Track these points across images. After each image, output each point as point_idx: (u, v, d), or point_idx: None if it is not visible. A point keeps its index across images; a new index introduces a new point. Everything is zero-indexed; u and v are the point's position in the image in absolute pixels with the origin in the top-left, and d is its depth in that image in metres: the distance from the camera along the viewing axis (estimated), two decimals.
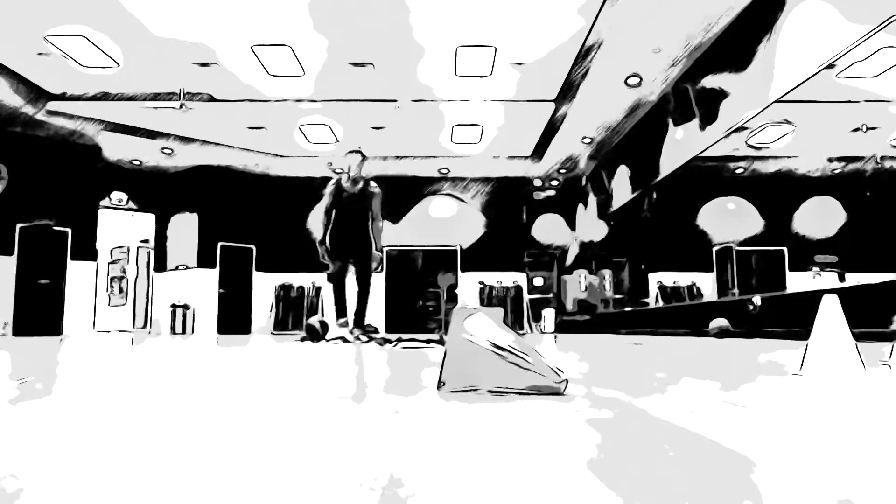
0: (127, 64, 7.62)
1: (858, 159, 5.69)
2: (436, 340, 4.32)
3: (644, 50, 7.07)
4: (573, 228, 12.98)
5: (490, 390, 1.34)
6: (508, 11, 6.46)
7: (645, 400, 1.26)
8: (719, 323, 6.21)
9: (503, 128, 9.86)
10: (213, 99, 8.66)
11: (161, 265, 12.10)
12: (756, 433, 0.90)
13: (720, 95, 6.67)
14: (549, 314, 12.09)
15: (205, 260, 11.52)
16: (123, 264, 12.26)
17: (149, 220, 12.17)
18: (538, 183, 12.66)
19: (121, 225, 11.90)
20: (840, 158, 6.03)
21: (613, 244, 11.02)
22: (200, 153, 10.81)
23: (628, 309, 10.13)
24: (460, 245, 12.57)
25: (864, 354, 1.78)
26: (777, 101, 5.64)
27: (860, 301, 4.36)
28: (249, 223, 11.98)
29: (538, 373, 1.32)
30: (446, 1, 6.28)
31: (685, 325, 7.35)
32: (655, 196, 8.91)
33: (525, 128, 9.86)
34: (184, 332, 11.31)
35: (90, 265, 10.44)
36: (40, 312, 9.57)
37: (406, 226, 12.55)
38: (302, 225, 12.14)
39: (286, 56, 7.42)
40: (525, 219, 12.92)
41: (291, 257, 12.05)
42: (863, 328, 2.80)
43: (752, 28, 5.97)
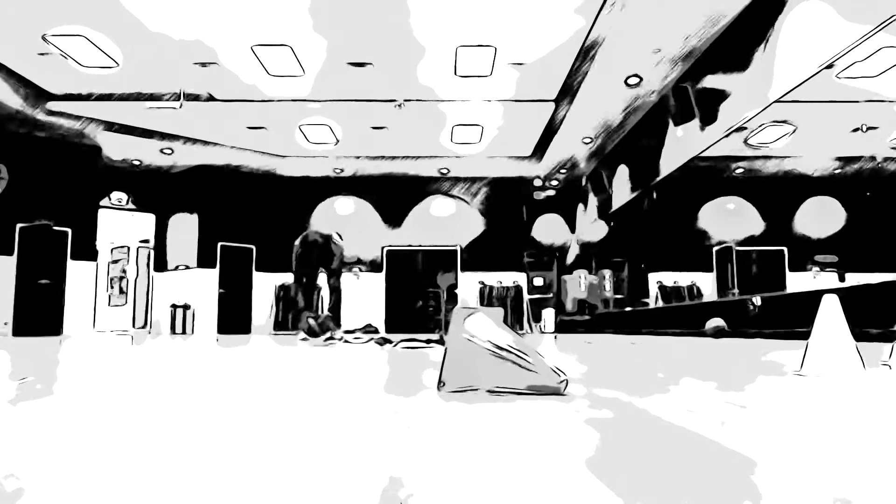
0: (127, 64, 7.62)
1: (858, 159, 5.69)
2: (436, 340, 4.32)
3: (644, 50, 7.07)
4: (573, 228, 12.98)
5: (490, 390, 1.34)
6: (508, 11, 6.46)
7: (645, 400, 1.26)
8: (715, 323, 6.20)
9: (503, 128, 9.86)
10: (213, 99, 8.66)
11: (161, 265, 12.10)
12: (756, 433, 0.90)
13: (720, 95, 6.67)
14: (549, 314, 12.10)
15: (205, 260, 11.52)
16: (123, 264, 12.26)
17: (149, 220, 12.17)
18: (538, 183, 12.66)
19: (121, 225, 11.90)
20: (840, 158, 6.03)
21: (613, 244, 11.02)
22: (200, 153, 10.81)
23: (628, 309, 10.13)
24: (460, 245, 12.56)
25: (864, 354, 1.78)
26: (777, 101, 5.64)
27: (860, 301, 4.36)
28: (249, 223, 11.98)
29: (538, 373, 1.32)
30: (446, 1, 6.28)
31: (685, 326, 7.34)
32: (655, 196, 8.91)
33: (525, 128, 9.86)
34: (184, 332, 11.31)
35: (90, 265, 10.44)
36: (40, 312, 9.57)
37: (406, 226, 12.55)
38: (302, 225, 12.14)
39: (286, 56, 7.42)
40: (525, 219, 12.92)
41: (291, 257, 12.02)
42: (863, 328, 2.80)
43: (752, 28, 5.97)
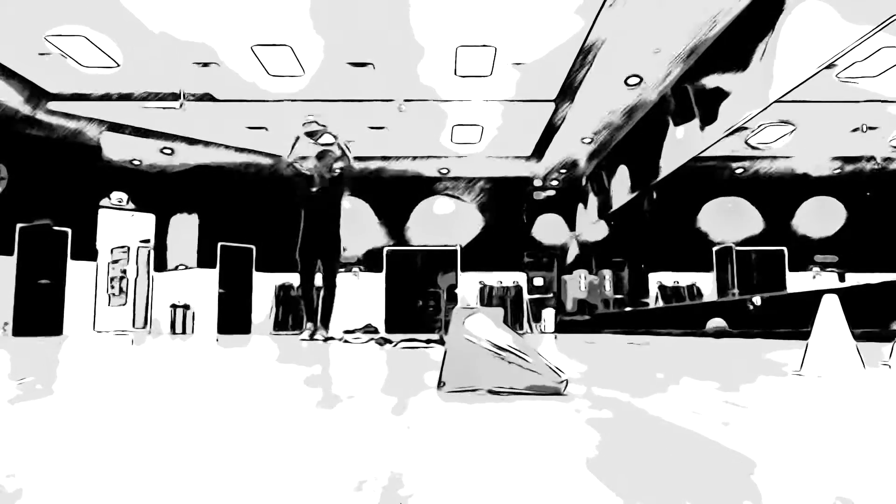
0: (127, 64, 7.63)
1: (858, 159, 5.69)
2: (436, 340, 4.32)
3: (644, 50, 7.07)
4: (573, 228, 12.98)
5: (490, 390, 1.34)
6: (508, 11, 6.46)
7: (645, 400, 1.26)
8: (716, 323, 6.21)
9: (503, 128, 9.86)
10: (214, 99, 8.66)
11: (161, 265, 12.10)
12: (756, 433, 0.90)
13: (720, 95, 6.67)
14: (549, 314, 12.09)
15: (205, 260, 11.52)
16: (123, 264, 12.26)
17: (149, 220, 12.17)
18: (538, 183, 12.66)
19: (121, 225, 11.90)
20: (840, 158, 6.03)
21: (613, 244, 11.02)
22: (200, 153, 10.82)
23: (628, 309, 10.13)
24: (460, 245, 12.56)
25: (864, 354, 1.78)
26: (777, 101, 5.64)
27: (860, 301, 4.36)
28: (249, 223, 11.98)
29: (538, 373, 1.32)
30: (446, 1, 6.28)
31: (685, 326, 7.34)
32: (655, 196, 8.91)
33: (525, 128, 9.86)
34: (184, 332, 11.31)
35: (90, 265, 10.45)
36: (40, 312, 9.57)
37: (406, 226, 12.55)
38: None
39: (286, 56, 7.42)
40: (525, 219, 12.92)
41: (291, 257, 12.04)
42: (863, 328, 2.80)
43: (752, 28, 5.97)
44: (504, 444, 0.82)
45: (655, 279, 9.05)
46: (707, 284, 7.90)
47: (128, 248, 12.31)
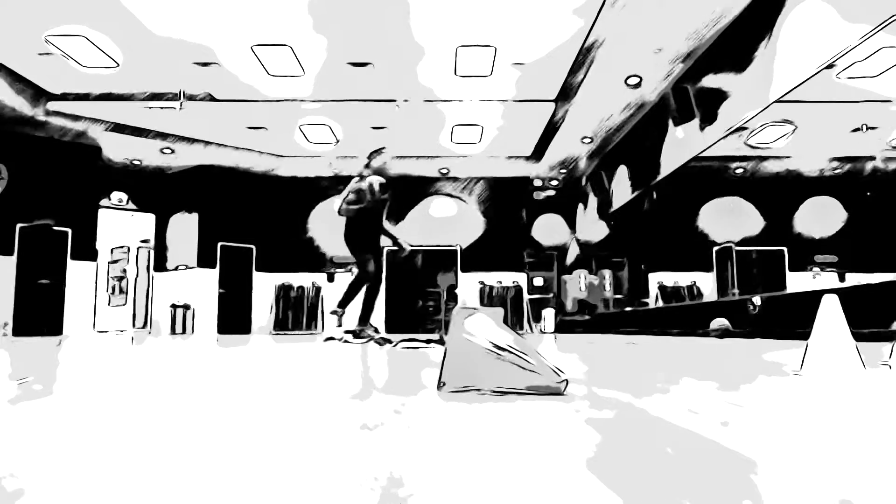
0: (127, 64, 7.62)
1: (858, 159, 5.69)
2: (436, 340, 4.32)
3: (644, 50, 7.07)
4: (573, 228, 12.98)
5: (490, 390, 1.34)
6: (508, 11, 6.46)
7: (645, 400, 1.26)
8: (720, 323, 6.21)
9: (503, 128, 9.85)
10: (214, 99, 8.66)
11: (161, 265, 12.10)
12: (756, 433, 0.90)
13: (720, 95, 6.67)
14: (549, 314, 12.09)
15: (205, 260, 11.52)
16: (123, 264, 12.26)
17: (149, 220, 12.16)
18: (538, 183, 12.66)
19: (121, 225, 11.90)
20: (840, 158, 6.03)
21: (613, 244, 11.02)
22: (200, 153, 10.81)
23: (628, 309, 10.13)
24: (460, 245, 12.56)
25: (864, 354, 1.78)
26: (777, 101, 5.64)
27: (860, 301, 4.36)
28: (249, 223, 11.98)
29: (538, 373, 1.32)
30: (446, 1, 6.28)
31: (685, 326, 7.34)
32: (655, 196, 8.90)
33: (525, 128, 9.86)
34: (184, 332, 11.31)
35: (90, 265, 10.44)
36: (40, 312, 9.57)
37: (406, 226, 12.55)
38: (302, 225, 12.16)
39: (286, 56, 7.42)
40: (525, 219, 12.91)
41: (291, 257, 12.06)
42: (863, 328, 2.80)
43: (752, 28, 5.96)
44: (504, 444, 0.82)
45: (655, 279, 9.05)
46: (707, 284, 7.90)
47: (128, 248, 12.31)
